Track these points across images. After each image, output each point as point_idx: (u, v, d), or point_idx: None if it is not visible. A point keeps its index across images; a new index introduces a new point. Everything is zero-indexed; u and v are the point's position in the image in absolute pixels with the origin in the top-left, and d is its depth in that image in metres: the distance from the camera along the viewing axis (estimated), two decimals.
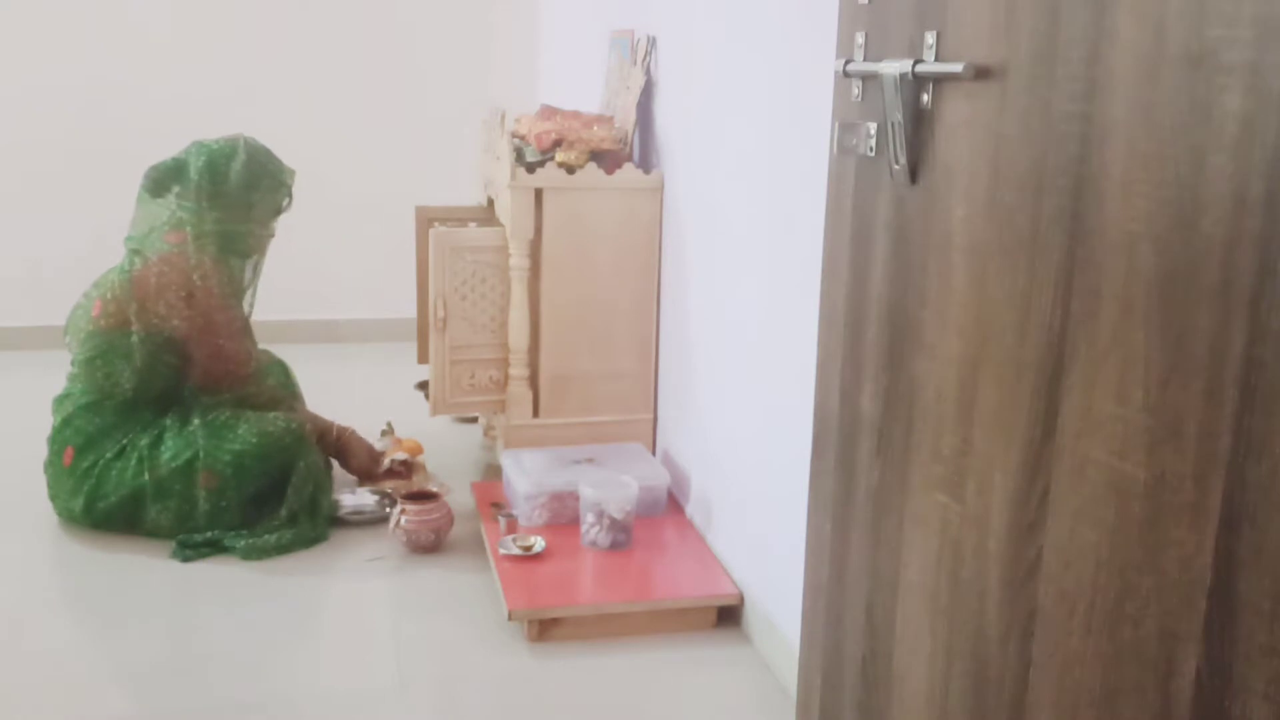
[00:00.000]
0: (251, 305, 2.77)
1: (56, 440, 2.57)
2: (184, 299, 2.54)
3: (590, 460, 2.58)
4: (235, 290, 2.66)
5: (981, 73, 1.10)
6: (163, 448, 2.52)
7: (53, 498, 2.58)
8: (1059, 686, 1.03)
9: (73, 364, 2.63)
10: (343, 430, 2.90)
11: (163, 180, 2.65)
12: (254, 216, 2.68)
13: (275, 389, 2.80)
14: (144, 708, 1.91)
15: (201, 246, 2.58)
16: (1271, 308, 0.79)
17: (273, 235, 2.78)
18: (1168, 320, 0.88)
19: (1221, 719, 0.85)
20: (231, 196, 2.63)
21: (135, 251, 2.60)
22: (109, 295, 2.57)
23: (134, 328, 2.53)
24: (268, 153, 2.73)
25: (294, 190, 2.78)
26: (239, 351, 2.64)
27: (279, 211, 2.76)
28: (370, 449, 2.91)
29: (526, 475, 2.48)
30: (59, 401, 2.62)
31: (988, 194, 1.11)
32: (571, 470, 2.51)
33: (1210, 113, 0.84)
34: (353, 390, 3.57)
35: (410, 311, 3.22)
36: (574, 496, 2.41)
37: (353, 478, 2.87)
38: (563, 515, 2.44)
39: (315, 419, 2.85)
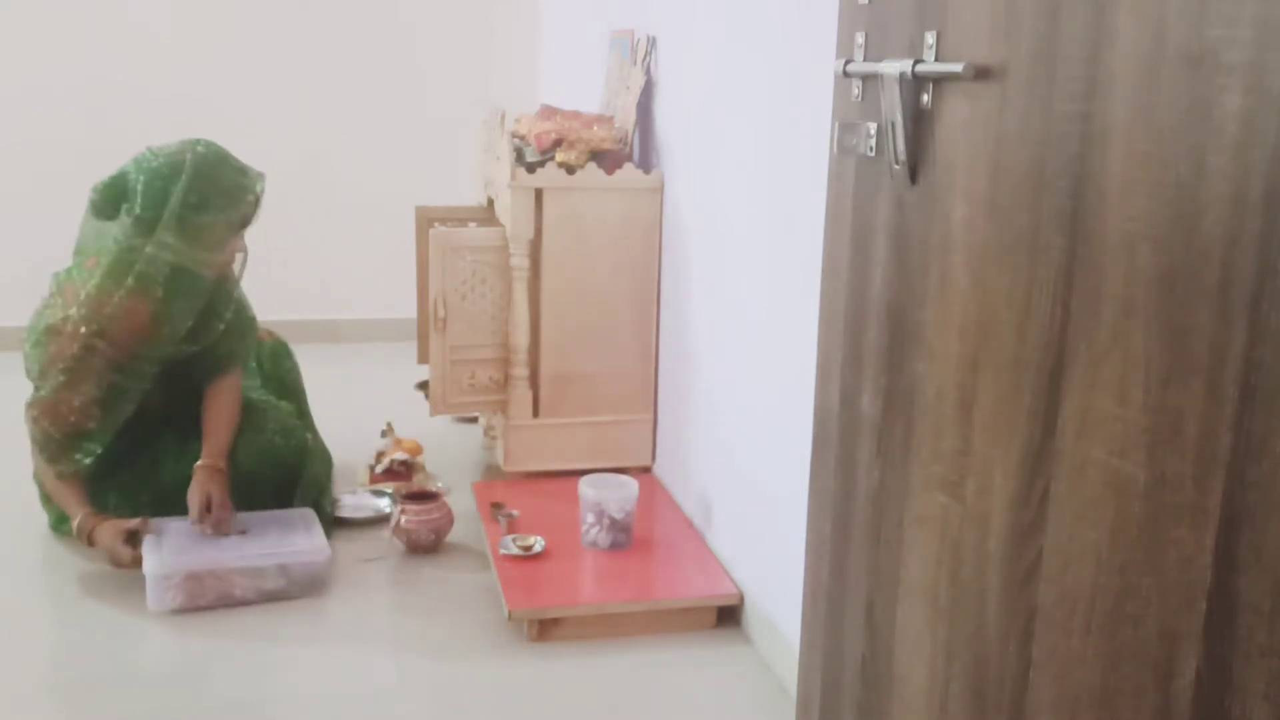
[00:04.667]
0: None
1: None
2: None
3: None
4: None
5: (981, 73, 1.10)
6: (162, 472, 2.48)
7: (46, 507, 2.53)
8: (1059, 686, 1.03)
9: None
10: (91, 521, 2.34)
11: (107, 200, 2.30)
12: (205, 243, 2.27)
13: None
14: (144, 708, 1.91)
15: (146, 281, 2.24)
16: (1271, 308, 0.79)
17: (241, 250, 2.39)
18: (1168, 320, 0.88)
19: (1221, 719, 0.85)
20: (175, 222, 2.23)
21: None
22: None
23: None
24: (221, 162, 2.30)
25: (260, 195, 2.35)
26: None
27: (244, 225, 2.35)
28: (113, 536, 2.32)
29: None
30: None
31: (988, 194, 1.11)
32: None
33: (1210, 113, 0.84)
34: (353, 390, 3.58)
35: (410, 311, 3.22)
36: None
37: (352, 477, 2.86)
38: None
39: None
